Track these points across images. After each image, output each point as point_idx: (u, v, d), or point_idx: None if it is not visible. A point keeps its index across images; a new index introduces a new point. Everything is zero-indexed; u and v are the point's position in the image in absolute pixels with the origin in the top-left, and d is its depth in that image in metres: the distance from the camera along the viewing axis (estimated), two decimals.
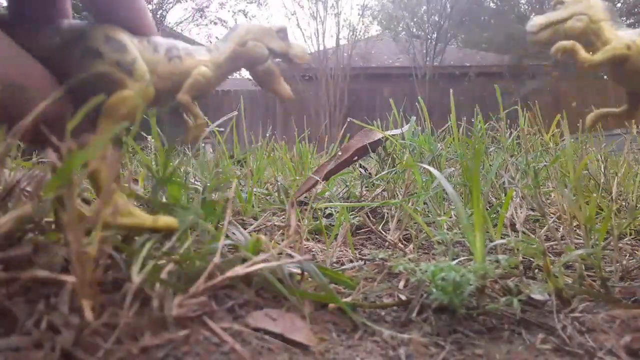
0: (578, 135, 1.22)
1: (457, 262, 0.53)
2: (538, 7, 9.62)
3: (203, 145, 1.06)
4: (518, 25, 8.66)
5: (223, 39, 0.48)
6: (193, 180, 0.94)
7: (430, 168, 0.63)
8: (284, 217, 0.76)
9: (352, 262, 0.61)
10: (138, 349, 0.31)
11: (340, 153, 1.06)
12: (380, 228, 0.75)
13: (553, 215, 0.82)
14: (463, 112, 1.49)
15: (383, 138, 1.09)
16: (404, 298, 0.46)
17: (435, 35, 8.36)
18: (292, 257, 0.48)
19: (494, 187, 0.96)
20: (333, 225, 0.72)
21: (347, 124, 1.33)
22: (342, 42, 8.46)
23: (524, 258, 0.60)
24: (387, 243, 0.69)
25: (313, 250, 0.65)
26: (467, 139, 1.09)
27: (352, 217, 0.82)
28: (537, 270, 0.58)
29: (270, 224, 0.79)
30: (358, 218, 0.79)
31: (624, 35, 0.49)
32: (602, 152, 1.10)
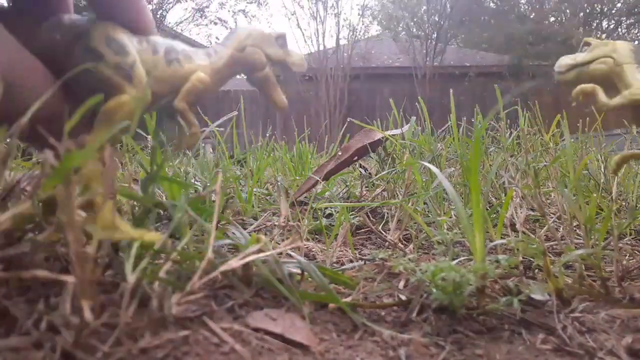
0: (578, 135, 1.22)
1: (457, 262, 0.53)
2: (538, 7, 9.63)
3: (203, 145, 1.06)
4: (518, 25, 8.67)
5: (222, 43, 0.47)
6: (193, 180, 0.94)
7: (431, 166, 0.63)
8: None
9: (352, 262, 0.61)
10: (138, 349, 0.31)
11: (340, 153, 1.06)
12: (380, 228, 0.75)
13: (553, 215, 0.82)
14: (463, 112, 1.49)
15: (383, 138, 1.09)
16: (404, 298, 0.46)
17: (435, 35, 8.36)
18: (291, 256, 0.48)
19: (494, 187, 0.96)
20: (333, 225, 0.72)
21: (347, 124, 1.33)
22: (342, 42, 8.46)
23: (524, 258, 0.60)
24: (387, 243, 0.69)
25: (313, 250, 0.65)
26: (467, 139, 1.09)
27: (352, 217, 0.81)
28: (537, 270, 0.58)
29: (270, 224, 0.79)
30: (358, 218, 0.79)
31: None
32: (602, 152, 1.10)
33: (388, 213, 0.88)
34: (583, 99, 0.55)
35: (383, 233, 0.71)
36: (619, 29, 9.86)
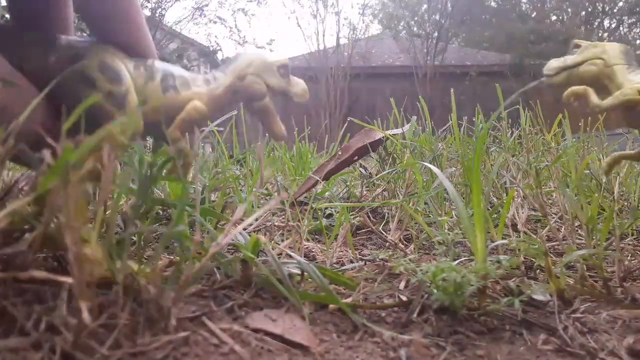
0: (580, 135, 1.21)
1: (458, 262, 0.52)
2: (540, 5, 9.62)
3: (203, 145, 1.06)
4: (519, 24, 8.66)
5: (222, 69, 0.46)
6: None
7: (431, 166, 0.62)
8: (284, 217, 0.76)
9: (352, 262, 0.61)
10: (137, 350, 0.31)
11: (341, 153, 1.06)
12: (381, 228, 0.75)
13: (555, 216, 0.82)
14: (464, 111, 1.48)
15: (383, 138, 1.09)
16: (405, 299, 0.46)
17: (436, 34, 8.35)
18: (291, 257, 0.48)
19: (496, 187, 0.96)
20: (333, 226, 0.72)
21: (347, 124, 1.33)
22: (342, 41, 8.46)
23: (526, 258, 0.60)
24: (387, 243, 0.69)
25: (313, 251, 0.65)
26: (468, 139, 1.09)
27: (352, 217, 0.81)
28: (538, 271, 0.58)
29: (270, 224, 0.78)
30: (358, 218, 0.79)
31: (636, 80, 0.50)
32: (604, 151, 1.09)
33: (388, 213, 0.88)
34: (574, 101, 0.55)
35: (383, 233, 0.71)
36: (621, 28, 9.86)
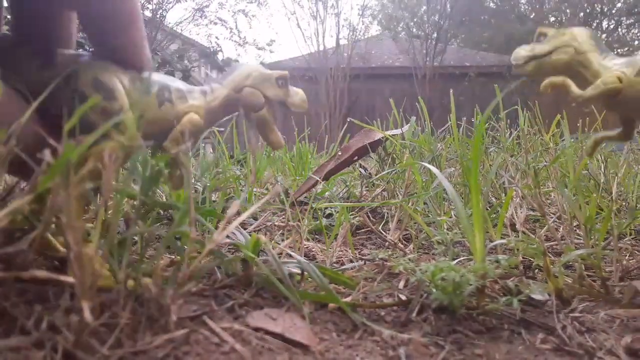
0: (578, 135, 1.22)
1: (457, 262, 0.53)
2: (538, 6, 9.63)
3: (203, 146, 1.06)
4: (518, 25, 8.66)
5: (219, 81, 0.46)
6: (193, 181, 0.94)
7: (430, 166, 0.63)
8: (284, 217, 0.76)
9: (352, 262, 0.61)
10: (138, 349, 0.31)
11: (340, 153, 1.06)
12: (380, 228, 0.75)
13: (553, 215, 0.82)
14: (463, 112, 1.49)
15: (383, 138, 1.09)
16: (404, 298, 0.46)
17: (435, 35, 8.36)
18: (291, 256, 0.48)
19: (494, 187, 0.96)
20: (333, 225, 0.72)
21: (347, 124, 1.33)
22: (342, 42, 8.46)
23: (524, 258, 0.60)
24: (387, 243, 0.69)
25: (313, 250, 0.65)
26: (467, 139, 1.09)
27: (352, 217, 0.82)
28: (537, 270, 0.58)
29: (270, 224, 0.79)
30: (358, 218, 0.79)
31: (613, 66, 0.49)
32: (602, 152, 1.10)
33: (388, 213, 0.88)
34: (552, 91, 0.53)
35: (383, 233, 0.71)
36: (619, 29, 9.87)
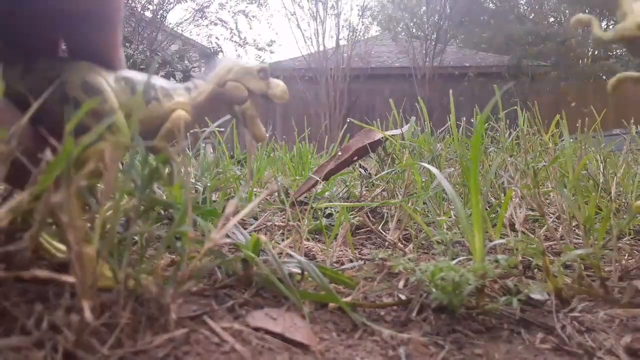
0: (577, 136, 1.22)
1: (456, 261, 0.53)
2: (538, 7, 9.63)
3: (203, 146, 1.06)
4: (517, 26, 8.66)
5: (203, 77, 0.47)
6: (193, 181, 0.94)
7: (430, 167, 0.63)
8: (284, 217, 0.76)
9: (352, 262, 0.61)
10: (138, 349, 0.31)
11: (340, 153, 1.06)
12: (380, 228, 0.76)
13: (552, 215, 0.82)
14: (463, 112, 1.49)
15: (383, 138, 1.09)
16: (404, 298, 0.46)
17: (435, 36, 8.35)
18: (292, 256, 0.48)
19: (494, 187, 0.96)
20: (333, 225, 0.72)
21: (347, 124, 1.33)
22: (342, 42, 8.45)
23: (523, 258, 0.60)
24: (386, 243, 0.69)
25: (313, 250, 0.65)
26: (466, 139, 1.09)
27: (352, 217, 0.82)
28: (536, 270, 0.58)
29: (270, 224, 0.79)
30: (358, 218, 0.79)
31: (638, 9, 0.48)
32: (601, 152, 1.10)
33: (388, 213, 0.88)
34: (580, 27, 0.53)
35: (383, 233, 0.71)
36: None
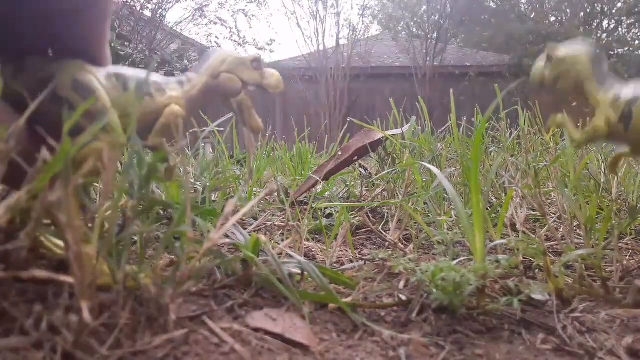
0: None
1: (457, 262, 0.53)
2: (538, 6, 9.62)
3: (203, 145, 1.06)
4: (518, 25, 8.65)
5: (195, 70, 0.46)
6: (193, 181, 0.94)
7: (431, 166, 0.63)
8: (284, 217, 0.76)
9: (352, 262, 0.61)
10: (137, 349, 0.31)
11: (340, 153, 1.06)
12: (381, 228, 0.75)
13: (553, 215, 0.82)
14: (463, 111, 1.48)
15: (383, 138, 1.09)
16: (404, 298, 0.46)
17: (436, 35, 8.35)
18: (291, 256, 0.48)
19: (495, 187, 0.96)
20: (333, 225, 0.72)
21: (347, 124, 1.33)
22: (342, 41, 8.45)
23: (524, 258, 0.60)
24: (387, 243, 0.69)
25: (313, 250, 0.65)
26: (467, 139, 1.09)
27: (352, 217, 0.81)
28: (537, 271, 0.58)
29: (270, 224, 0.79)
30: (358, 218, 0.79)
31: (606, 98, 0.51)
32: (602, 152, 1.10)
33: (388, 213, 0.88)
34: (556, 127, 0.57)
35: (383, 233, 0.71)
36: (620, 29, 9.87)
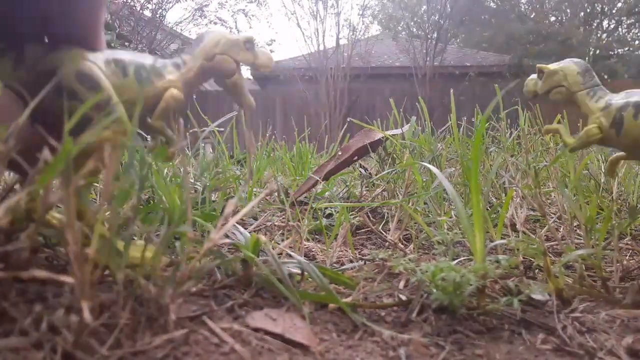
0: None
1: (457, 262, 0.53)
2: (538, 6, 9.62)
3: (203, 145, 1.06)
4: (518, 25, 8.65)
5: (190, 52, 0.47)
6: (193, 181, 0.94)
7: (431, 166, 0.63)
8: (284, 217, 0.76)
9: (352, 262, 0.61)
10: (137, 349, 0.31)
11: (340, 153, 1.06)
12: (381, 228, 0.75)
13: (553, 215, 0.82)
14: (463, 112, 1.49)
15: (383, 138, 1.09)
16: (404, 298, 0.46)
17: (436, 35, 8.34)
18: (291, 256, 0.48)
19: (495, 187, 0.96)
20: (333, 225, 0.72)
21: (347, 124, 1.33)
22: (342, 41, 8.45)
23: (525, 258, 0.60)
24: (387, 243, 0.69)
25: (313, 250, 0.65)
26: (467, 139, 1.09)
27: (352, 217, 0.81)
28: (537, 271, 0.58)
29: (270, 224, 0.79)
30: (358, 218, 0.79)
31: (597, 107, 0.54)
32: (602, 152, 1.10)
33: (388, 213, 0.88)
34: (552, 136, 0.62)
35: (383, 233, 0.71)
36: (620, 29, 9.87)
